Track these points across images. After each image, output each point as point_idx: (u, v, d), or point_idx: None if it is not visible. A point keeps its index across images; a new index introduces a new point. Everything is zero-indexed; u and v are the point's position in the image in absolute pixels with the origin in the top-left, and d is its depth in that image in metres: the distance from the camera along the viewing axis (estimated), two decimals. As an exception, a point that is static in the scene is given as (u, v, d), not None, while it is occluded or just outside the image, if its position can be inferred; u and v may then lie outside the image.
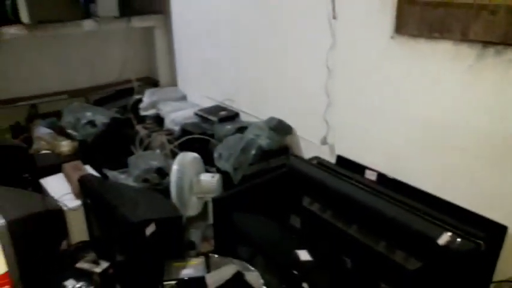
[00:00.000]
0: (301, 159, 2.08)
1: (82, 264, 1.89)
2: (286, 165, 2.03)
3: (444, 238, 1.35)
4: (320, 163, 1.98)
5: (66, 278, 1.78)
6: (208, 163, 2.32)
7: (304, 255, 1.57)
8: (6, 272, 0.77)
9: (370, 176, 1.85)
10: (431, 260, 1.39)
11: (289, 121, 2.39)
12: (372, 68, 1.86)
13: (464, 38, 1.49)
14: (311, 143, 2.28)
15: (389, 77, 1.79)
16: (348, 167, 1.93)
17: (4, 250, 0.94)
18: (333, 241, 1.71)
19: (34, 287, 1.77)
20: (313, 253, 1.63)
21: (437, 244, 1.35)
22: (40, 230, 1.88)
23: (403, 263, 1.44)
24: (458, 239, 1.33)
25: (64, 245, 2.09)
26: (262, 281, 1.55)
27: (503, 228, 1.47)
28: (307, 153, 2.31)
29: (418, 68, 1.67)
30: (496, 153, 1.48)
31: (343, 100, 2.05)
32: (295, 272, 1.52)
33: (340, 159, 2.03)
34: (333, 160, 2.10)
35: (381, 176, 1.81)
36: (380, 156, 1.89)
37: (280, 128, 2.32)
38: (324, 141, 2.16)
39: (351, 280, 1.56)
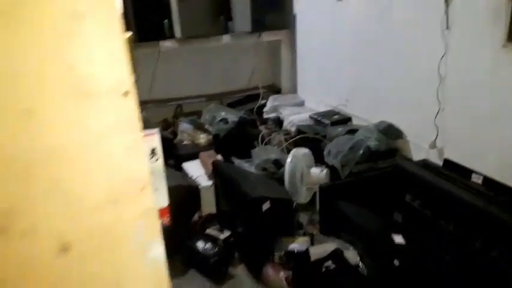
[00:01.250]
0: (407, 159, 2.19)
1: (210, 231, 2.31)
2: (393, 166, 2.16)
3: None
4: (425, 164, 2.08)
5: (197, 240, 2.20)
6: (319, 162, 2.56)
7: (398, 238, 1.71)
8: (169, 205, 1.05)
9: (476, 179, 1.89)
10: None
11: (400, 125, 2.51)
12: (483, 75, 1.92)
13: None
14: (420, 147, 2.37)
15: (502, 84, 1.83)
16: (454, 169, 1.99)
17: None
18: (433, 236, 1.80)
19: (173, 243, 2.21)
20: (410, 243, 1.75)
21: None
22: (181, 200, 2.34)
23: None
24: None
25: (196, 216, 2.56)
26: (358, 257, 1.74)
27: None
28: (416, 156, 2.40)
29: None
30: None
31: (454, 106, 2.13)
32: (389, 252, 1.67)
33: (447, 162, 2.10)
34: (440, 163, 2.17)
35: (487, 180, 1.84)
36: (489, 162, 1.92)
37: (390, 132, 2.45)
38: (433, 145, 2.24)
39: (445, 272, 1.64)
